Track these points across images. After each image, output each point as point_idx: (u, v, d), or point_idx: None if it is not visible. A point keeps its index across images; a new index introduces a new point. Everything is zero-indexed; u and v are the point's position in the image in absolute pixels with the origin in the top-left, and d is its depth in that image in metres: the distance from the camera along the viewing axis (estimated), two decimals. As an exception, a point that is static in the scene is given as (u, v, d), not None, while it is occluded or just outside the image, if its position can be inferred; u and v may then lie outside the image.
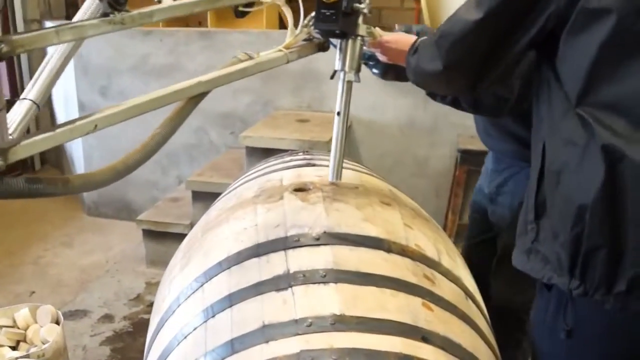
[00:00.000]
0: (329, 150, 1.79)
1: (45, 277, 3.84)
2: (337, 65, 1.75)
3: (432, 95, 1.89)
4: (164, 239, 3.75)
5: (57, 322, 2.55)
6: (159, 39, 4.25)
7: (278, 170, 2.02)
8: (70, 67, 4.48)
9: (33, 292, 3.64)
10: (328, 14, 1.64)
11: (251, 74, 1.57)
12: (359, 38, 1.72)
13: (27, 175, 4.84)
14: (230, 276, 1.48)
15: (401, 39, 1.75)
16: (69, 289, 3.69)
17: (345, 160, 1.97)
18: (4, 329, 2.48)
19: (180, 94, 1.38)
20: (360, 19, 1.69)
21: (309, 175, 1.86)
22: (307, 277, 1.36)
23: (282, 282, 1.37)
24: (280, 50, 1.75)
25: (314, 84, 4.02)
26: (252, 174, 2.21)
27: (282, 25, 4.61)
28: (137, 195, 4.61)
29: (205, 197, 3.53)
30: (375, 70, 1.96)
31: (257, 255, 1.49)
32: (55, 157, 5.77)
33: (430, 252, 1.56)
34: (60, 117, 5.29)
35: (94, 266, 3.98)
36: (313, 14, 1.71)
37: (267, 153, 3.44)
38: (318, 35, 1.85)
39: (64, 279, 3.81)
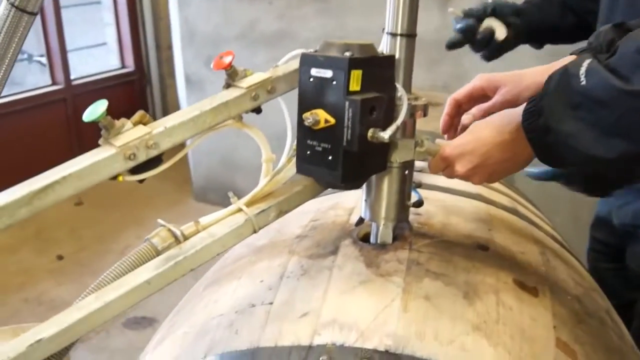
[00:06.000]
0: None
1: (126, 271, 3.36)
2: (364, 212, 0.97)
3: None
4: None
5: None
6: (268, 2, 3.56)
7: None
8: (176, 36, 3.97)
9: (106, 289, 3.16)
10: (319, 149, 0.83)
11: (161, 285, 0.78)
12: (398, 166, 0.92)
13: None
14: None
15: (491, 123, 0.90)
16: (146, 289, 3.16)
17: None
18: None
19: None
20: (399, 133, 0.89)
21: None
22: None
23: None
24: (240, 211, 0.88)
25: (452, 58, 3.08)
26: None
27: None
28: (245, 181, 3.99)
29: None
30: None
31: (246, 379, 0.74)
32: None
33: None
34: (180, 91, 4.82)
35: (182, 263, 3.43)
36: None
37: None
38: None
39: (145, 276, 3.30)
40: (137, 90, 5.20)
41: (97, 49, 5.60)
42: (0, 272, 3.28)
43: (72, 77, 4.54)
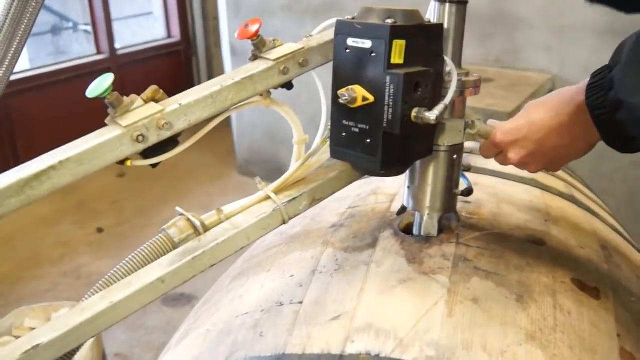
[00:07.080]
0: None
1: (165, 246, 3.32)
2: (407, 201, 0.88)
3: None
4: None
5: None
6: (316, -29, 3.45)
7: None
8: (222, 6, 3.88)
9: (143, 265, 3.13)
10: (356, 131, 0.73)
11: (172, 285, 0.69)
12: (446, 150, 0.82)
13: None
14: None
15: (547, 103, 0.79)
16: (186, 265, 3.12)
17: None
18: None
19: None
20: (448, 113, 0.79)
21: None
22: None
23: None
24: (268, 198, 0.78)
25: (506, 32, 2.91)
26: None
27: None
28: (290, 155, 3.92)
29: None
30: None
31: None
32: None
33: None
34: (226, 62, 4.75)
35: (224, 238, 3.39)
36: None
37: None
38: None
39: (184, 252, 3.26)
40: (183, 61, 5.14)
41: (143, 19, 5.56)
42: (39, 244, 3.26)
43: (117, 46, 4.50)
